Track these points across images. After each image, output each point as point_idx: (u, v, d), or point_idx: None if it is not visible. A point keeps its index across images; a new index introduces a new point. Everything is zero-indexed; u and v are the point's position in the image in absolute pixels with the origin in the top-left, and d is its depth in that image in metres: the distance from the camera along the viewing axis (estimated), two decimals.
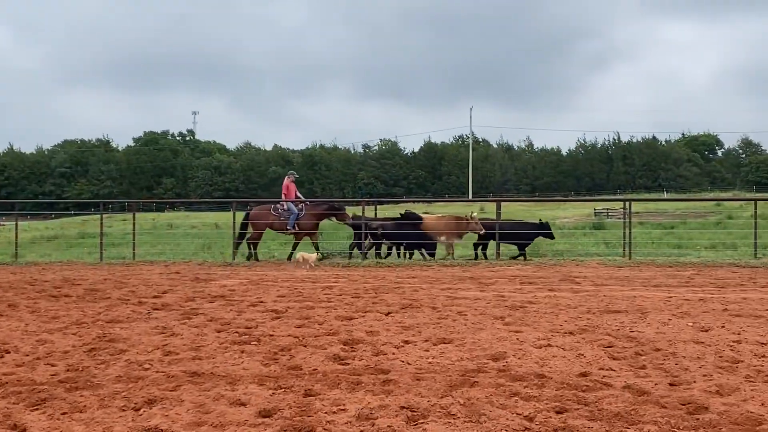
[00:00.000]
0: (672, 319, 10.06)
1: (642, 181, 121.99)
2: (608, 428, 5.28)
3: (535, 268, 18.19)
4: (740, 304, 11.58)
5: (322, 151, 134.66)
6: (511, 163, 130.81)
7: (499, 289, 13.72)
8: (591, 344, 8.31)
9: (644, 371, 7.05)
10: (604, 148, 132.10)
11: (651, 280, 15.09)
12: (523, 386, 6.41)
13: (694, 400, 5.97)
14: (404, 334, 9.03)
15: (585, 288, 13.84)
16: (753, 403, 5.93)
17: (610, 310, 10.88)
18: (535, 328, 9.39)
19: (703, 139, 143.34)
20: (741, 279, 15.30)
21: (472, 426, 5.37)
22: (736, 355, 7.76)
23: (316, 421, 5.49)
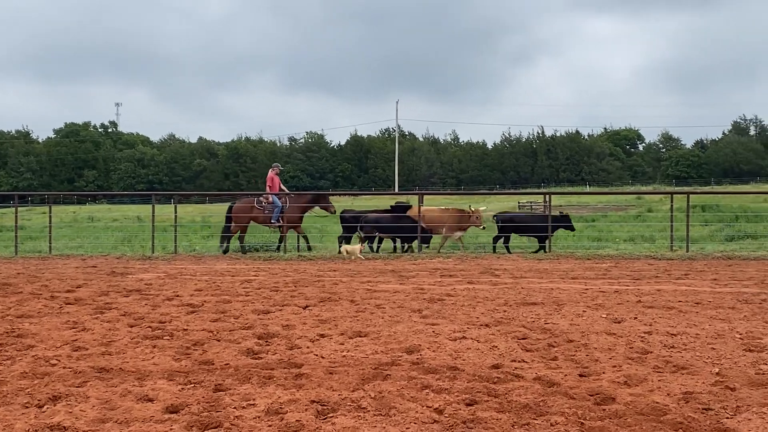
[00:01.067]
0: (587, 311, 10.19)
1: (565, 175, 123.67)
2: (516, 419, 5.31)
3: (456, 261, 18.29)
4: (654, 295, 11.79)
5: (248, 144, 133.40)
6: (437, 157, 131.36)
7: (420, 282, 13.76)
8: (505, 336, 8.37)
9: (556, 363, 7.12)
10: (528, 142, 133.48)
11: (569, 273, 15.29)
12: (436, 379, 6.41)
13: (602, 390, 6.04)
14: (320, 327, 8.98)
15: (504, 280, 13.95)
16: (659, 393, 6.02)
17: (527, 303, 10.98)
18: (451, 320, 9.42)
19: (625, 134, 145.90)
20: (656, 271, 15.59)
21: (381, 419, 5.35)
22: (647, 346, 7.88)
23: (224, 417, 5.41)
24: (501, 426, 5.18)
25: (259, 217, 22.25)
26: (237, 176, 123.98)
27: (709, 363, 7.09)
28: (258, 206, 22.25)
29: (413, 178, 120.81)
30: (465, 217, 21.62)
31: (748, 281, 13.64)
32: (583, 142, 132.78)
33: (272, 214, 21.95)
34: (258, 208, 22.22)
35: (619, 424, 5.20)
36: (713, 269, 15.92)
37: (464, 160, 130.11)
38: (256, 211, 22.23)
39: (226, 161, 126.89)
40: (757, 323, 9.23)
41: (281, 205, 22.04)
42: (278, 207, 21.98)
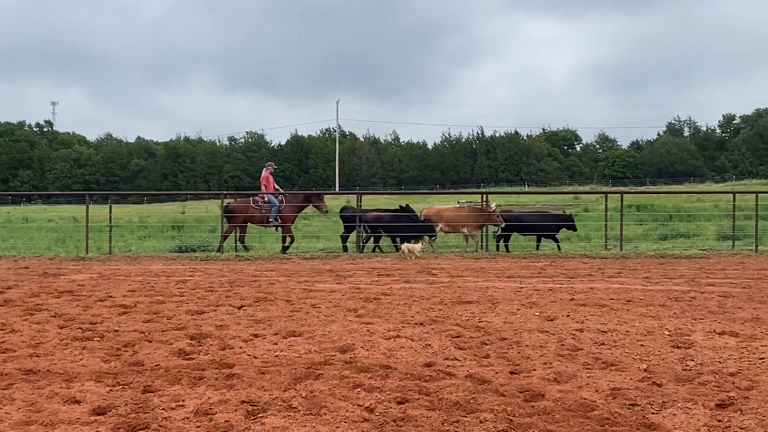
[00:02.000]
0: (520, 309, 10.28)
1: (504, 175, 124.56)
2: (446, 417, 5.33)
3: (394, 260, 18.34)
4: (587, 294, 11.95)
5: (187, 144, 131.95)
6: (378, 157, 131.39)
7: (357, 281, 13.75)
8: (439, 335, 8.40)
9: (487, 360, 7.17)
10: (468, 143, 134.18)
11: (505, 272, 15.42)
12: (368, 378, 6.42)
13: (532, 387, 6.10)
14: (254, 327, 8.92)
15: (441, 279, 14.02)
16: (587, 389, 6.10)
17: (462, 301, 11.05)
18: (386, 319, 9.44)
19: (563, 135, 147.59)
20: (590, 270, 15.81)
21: (311, 418, 5.33)
22: (577, 343, 7.98)
23: (151, 418, 5.34)
24: (431, 424, 5.20)
25: (255, 216, 21.98)
26: (176, 176, 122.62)
27: (637, 359, 7.21)
28: (254, 206, 21.99)
29: (354, 178, 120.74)
30: (483, 216, 21.81)
31: (679, 279, 13.89)
32: (522, 142, 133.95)
33: (269, 213, 21.74)
34: (254, 207, 21.95)
35: (547, 421, 5.26)
36: (646, 267, 16.20)
37: (405, 160, 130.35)
38: (252, 211, 21.96)
39: (165, 161, 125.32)
40: (686, 320, 9.41)
41: (278, 204, 21.88)
42: (276, 206, 21.77)
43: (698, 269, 15.79)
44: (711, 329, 8.77)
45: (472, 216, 21.96)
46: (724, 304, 10.83)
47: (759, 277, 14.31)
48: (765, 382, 6.28)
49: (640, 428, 5.13)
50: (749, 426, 5.19)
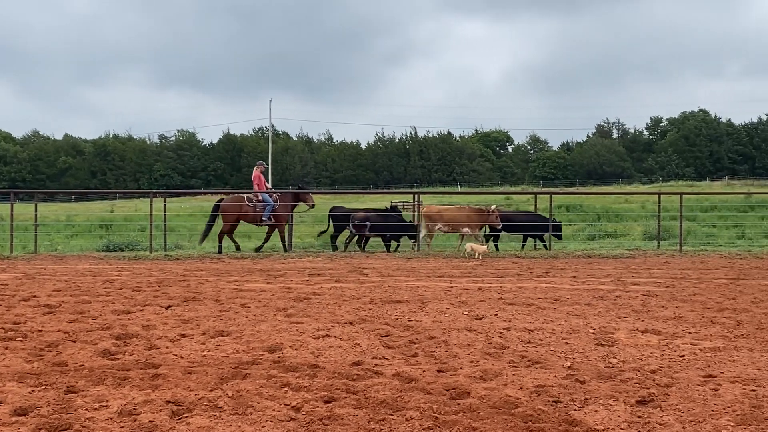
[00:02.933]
0: (450, 308, 10.37)
1: (437, 175, 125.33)
2: (372, 415, 5.36)
3: (326, 260, 18.32)
4: (515, 293, 12.10)
5: (116, 142, 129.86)
6: (311, 156, 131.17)
7: (287, 281, 13.72)
8: (368, 334, 8.43)
9: (415, 359, 7.22)
10: (401, 143, 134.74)
11: (436, 271, 15.53)
12: (296, 377, 6.41)
13: (459, 385, 6.16)
14: (182, 327, 8.84)
15: (372, 279, 14.06)
16: (512, 387, 6.18)
17: (392, 300, 11.10)
18: (316, 319, 9.43)
19: (495, 135, 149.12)
20: (519, 269, 16.00)
21: (237, 418, 5.31)
22: (504, 341, 8.08)
23: (74, 419, 5.26)
24: (357, 422, 5.22)
25: (248, 215, 21.84)
26: (104, 174, 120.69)
27: (562, 357, 7.33)
28: (248, 204, 21.84)
29: (287, 177, 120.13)
30: (483, 216, 21.93)
31: (605, 278, 14.15)
32: (455, 143, 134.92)
33: (263, 212, 21.64)
34: (248, 205, 21.81)
35: (472, 418, 5.32)
36: (573, 267, 16.45)
37: (338, 160, 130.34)
38: (246, 209, 21.82)
39: (93, 159, 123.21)
40: (611, 319, 9.59)
41: (273, 203, 21.75)
42: (270, 205, 21.65)
43: (624, 269, 16.09)
44: (634, 327, 8.96)
45: (472, 216, 22.15)
46: (648, 302, 11.06)
47: (682, 276, 14.64)
48: (684, 379, 6.44)
49: (562, 425, 5.22)
50: (668, 422, 5.31)
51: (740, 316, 9.81)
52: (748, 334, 8.59)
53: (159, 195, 26.53)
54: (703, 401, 5.77)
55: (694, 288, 12.77)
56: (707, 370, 6.77)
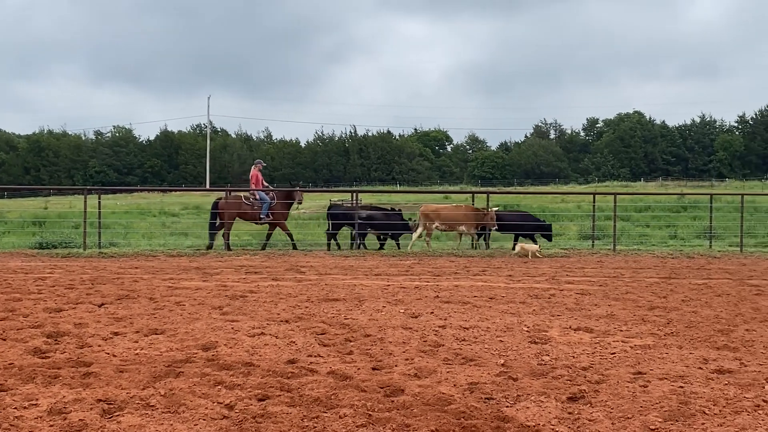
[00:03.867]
0: (386, 306, 10.40)
1: (377, 174, 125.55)
2: (306, 413, 5.36)
3: (263, 258, 18.23)
4: (451, 291, 12.17)
5: (50, 137, 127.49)
6: (250, 154, 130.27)
7: (224, 279, 13.62)
8: (304, 332, 8.42)
9: (351, 357, 7.23)
10: (341, 141, 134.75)
11: (373, 269, 15.55)
12: (230, 375, 6.38)
13: (393, 383, 6.19)
14: (115, 325, 8.72)
15: (309, 277, 14.02)
16: (446, 384, 6.23)
17: (329, 299, 11.09)
18: (252, 317, 9.39)
19: (434, 135, 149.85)
20: (456, 268, 16.10)
21: (169, 416, 5.27)
22: (439, 339, 8.13)
23: (2, 418, 5.17)
24: (290, 420, 5.22)
25: (247, 213, 21.77)
26: (38, 170, 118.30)
27: (496, 355, 7.41)
28: (246, 202, 21.77)
29: (225, 174, 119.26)
30: (480, 216, 22.00)
31: (540, 277, 14.31)
32: (395, 142, 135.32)
33: (260, 210, 21.58)
34: (246, 204, 21.74)
35: (405, 415, 5.35)
36: (509, 266, 16.60)
37: (277, 158, 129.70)
38: (244, 207, 21.73)
39: (27, 155, 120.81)
40: (545, 317, 9.71)
41: (270, 201, 21.73)
42: (267, 203, 21.62)
43: (559, 267, 16.29)
44: (567, 325, 9.09)
45: (469, 215, 22.24)
46: (582, 301, 11.22)
47: (615, 275, 14.87)
48: (615, 376, 6.55)
49: (494, 421, 5.27)
50: (597, 418, 5.40)
51: (670, 315, 10.01)
52: (677, 332, 8.76)
53: (94, 192, 26.04)
54: (633, 398, 5.88)
55: (627, 287, 12.98)
56: (637, 367, 6.89)
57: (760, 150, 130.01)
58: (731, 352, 7.70)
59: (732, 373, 6.74)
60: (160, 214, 38.66)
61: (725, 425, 5.26)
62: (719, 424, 5.29)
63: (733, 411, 5.58)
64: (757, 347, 7.94)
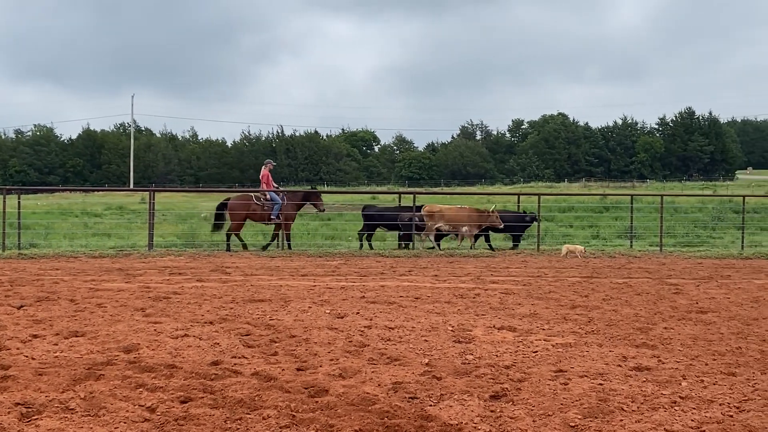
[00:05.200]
0: (312, 307, 10.39)
1: (304, 174, 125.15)
2: (229, 415, 5.33)
3: (188, 259, 18.03)
4: (378, 291, 12.21)
5: None
6: (175, 154, 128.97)
7: (147, 280, 13.43)
8: (229, 333, 8.36)
9: (275, 358, 7.21)
10: (268, 141, 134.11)
11: (299, 270, 15.50)
12: (152, 377, 6.31)
13: (318, 383, 6.20)
14: (34, 327, 8.55)
15: (234, 278, 13.92)
16: (371, 384, 6.26)
17: (255, 299, 11.03)
18: (175, 318, 9.29)
19: (362, 135, 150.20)
20: (383, 268, 16.14)
21: (89, 420, 5.19)
22: (365, 339, 8.16)
23: None
24: (213, 422, 5.18)
25: (256, 213, 21.55)
26: None
27: (420, 354, 7.46)
28: (257, 202, 21.52)
29: (150, 174, 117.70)
30: (484, 217, 22.10)
31: (466, 277, 14.44)
32: (322, 142, 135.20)
33: (271, 211, 21.44)
34: (257, 204, 21.49)
35: (329, 415, 5.35)
36: (436, 266, 16.71)
37: (203, 158, 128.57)
38: (254, 208, 21.47)
39: None
40: (469, 316, 9.80)
41: (281, 202, 21.60)
42: (278, 204, 21.49)
43: (484, 267, 16.45)
44: (491, 324, 9.19)
45: (473, 216, 22.32)
46: (506, 300, 11.36)
47: (539, 274, 15.09)
48: (537, 374, 6.65)
49: (417, 420, 5.31)
50: (519, 415, 5.48)
51: (592, 313, 10.20)
52: (598, 331, 8.93)
53: (13, 191, 25.44)
54: (553, 395, 5.98)
55: (550, 286, 13.18)
56: (558, 365, 7.01)
57: (679, 152, 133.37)
58: (650, 349, 7.88)
59: (650, 370, 6.90)
60: (82, 214, 37.94)
61: (642, 421, 5.38)
62: (637, 420, 5.41)
63: (651, 407, 5.71)
64: (674, 345, 8.14)
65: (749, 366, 7.15)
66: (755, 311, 10.64)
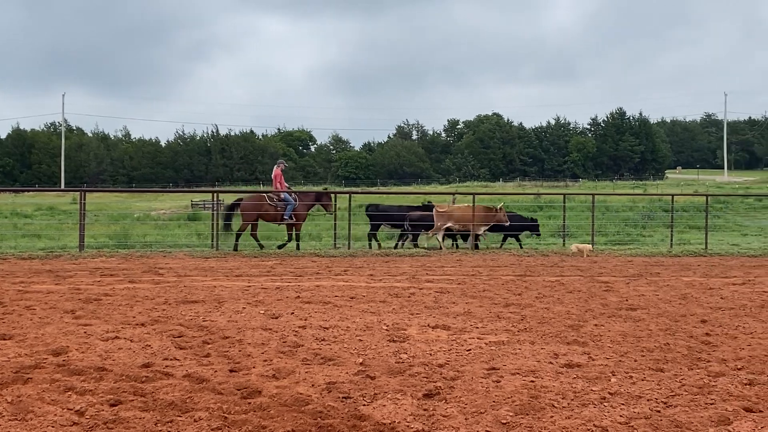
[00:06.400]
0: (246, 308, 10.31)
1: (240, 174, 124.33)
2: (160, 418, 5.27)
3: (120, 260, 17.76)
4: (313, 291, 12.17)
5: None
6: (108, 153, 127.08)
7: (77, 282, 13.20)
8: (161, 335, 8.26)
9: (208, 359, 7.14)
10: (203, 141, 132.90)
11: (234, 271, 15.38)
12: (81, 380, 6.20)
13: (251, 384, 6.16)
14: None
15: (167, 279, 13.76)
16: (304, 384, 6.24)
17: (188, 301, 10.92)
18: (106, 321, 9.15)
19: (298, 135, 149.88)
20: (318, 268, 16.10)
21: (16, 424, 5.09)
22: (299, 340, 8.13)
23: None
24: (144, 425, 5.12)
25: (269, 213, 21.76)
26: None
27: (355, 354, 7.46)
28: (270, 202, 21.65)
29: (81, 174, 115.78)
30: (492, 215, 22.31)
31: (401, 276, 14.48)
32: (258, 142, 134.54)
33: (284, 211, 21.66)
34: (270, 204, 21.65)
35: (262, 416, 5.33)
36: (371, 266, 16.72)
37: (136, 157, 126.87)
38: (266, 208, 21.66)
39: None
40: (404, 315, 9.83)
41: (293, 202, 21.76)
42: (291, 204, 21.69)
43: (419, 266, 16.52)
44: (426, 323, 9.24)
45: (482, 215, 22.52)
46: (440, 299, 11.42)
47: (473, 273, 15.20)
48: (470, 372, 6.70)
49: (350, 420, 5.32)
50: (452, 414, 5.51)
51: (524, 311, 10.30)
52: (530, 328, 9.03)
53: None
54: (486, 393, 6.03)
55: (484, 284, 13.29)
56: (491, 363, 7.07)
57: (611, 151, 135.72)
58: (580, 346, 8.00)
59: (581, 367, 7.00)
60: (11, 215, 37.14)
61: (572, 418, 5.45)
62: (567, 416, 5.48)
63: (581, 404, 5.79)
64: (604, 342, 8.27)
65: (677, 362, 7.30)
66: (683, 308, 10.86)
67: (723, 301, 11.68)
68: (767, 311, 10.69)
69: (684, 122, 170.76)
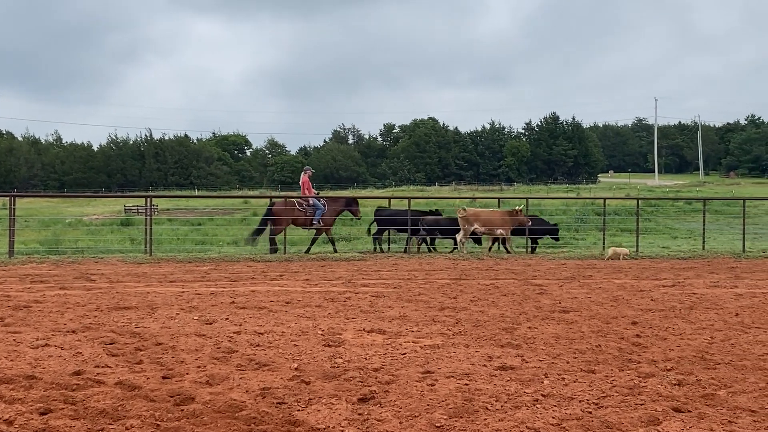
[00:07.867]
0: (180, 314, 10.21)
1: (174, 179, 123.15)
2: (91, 426, 5.20)
3: (51, 266, 17.43)
4: (248, 296, 12.10)
5: None
6: (38, 158, 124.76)
7: (6, 288, 12.92)
8: (92, 342, 8.13)
9: (140, 366, 7.05)
10: (136, 145, 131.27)
11: (168, 276, 15.20)
12: (10, 389, 6.08)
13: (184, 391, 6.10)
14: None
15: (99, 285, 13.54)
16: (238, 390, 6.20)
17: (120, 307, 10.76)
18: (36, 328, 8.97)
19: (233, 139, 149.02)
20: (254, 273, 16.00)
21: None
22: (233, 345, 8.07)
23: None
24: None
25: (299, 218, 22.51)
26: None
27: (290, 359, 7.43)
28: (300, 208, 22.44)
29: (11, 179, 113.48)
30: (513, 218, 22.73)
31: (337, 281, 14.46)
32: (192, 146, 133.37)
33: (313, 216, 22.43)
34: (300, 210, 22.43)
35: (195, 423, 5.29)
36: (307, 270, 16.67)
37: (68, 162, 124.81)
38: (297, 213, 22.43)
39: None
40: (339, 320, 9.83)
41: (322, 207, 22.57)
42: (320, 209, 22.49)
43: (356, 271, 16.52)
44: (361, 328, 9.24)
45: (504, 218, 22.88)
46: (376, 303, 11.44)
47: (409, 277, 15.25)
48: (404, 376, 6.73)
49: (285, 425, 5.31)
50: (386, 417, 5.53)
51: (459, 315, 10.38)
52: (465, 332, 9.10)
53: None
54: (420, 396, 6.07)
55: (420, 288, 13.35)
56: (426, 367, 7.11)
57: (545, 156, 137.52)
58: (514, 349, 8.08)
59: (514, 369, 7.08)
60: None
61: (506, 420, 5.52)
62: (500, 419, 5.54)
63: (514, 406, 5.86)
64: (537, 344, 8.37)
65: (608, 363, 7.43)
66: (614, 310, 11.05)
67: (653, 303, 11.92)
68: (696, 313, 10.93)
69: (616, 127, 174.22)
